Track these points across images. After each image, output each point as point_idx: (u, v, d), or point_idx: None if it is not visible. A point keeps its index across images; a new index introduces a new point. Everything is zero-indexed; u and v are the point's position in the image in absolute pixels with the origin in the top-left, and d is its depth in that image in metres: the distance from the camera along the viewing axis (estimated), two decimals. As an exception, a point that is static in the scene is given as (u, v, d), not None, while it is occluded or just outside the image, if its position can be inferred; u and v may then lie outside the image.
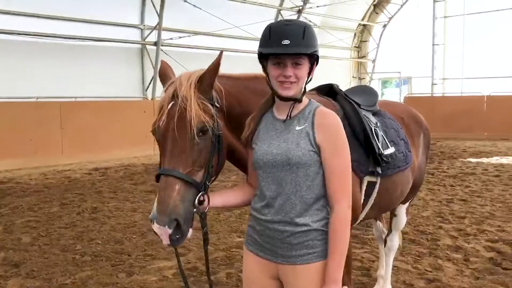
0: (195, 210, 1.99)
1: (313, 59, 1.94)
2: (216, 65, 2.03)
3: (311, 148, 1.91)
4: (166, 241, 1.93)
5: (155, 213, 1.92)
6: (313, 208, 1.95)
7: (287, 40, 1.84)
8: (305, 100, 2.02)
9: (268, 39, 1.89)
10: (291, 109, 1.97)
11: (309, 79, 1.98)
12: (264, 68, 1.98)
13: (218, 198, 2.11)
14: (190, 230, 1.99)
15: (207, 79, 2.03)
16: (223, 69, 2.26)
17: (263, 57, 1.96)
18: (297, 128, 1.95)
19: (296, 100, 1.96)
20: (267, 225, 1.99)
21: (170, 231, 1.90)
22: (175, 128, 1.95)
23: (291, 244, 1.94)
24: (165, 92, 2.07)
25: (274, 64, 1.90)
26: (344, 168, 1.93)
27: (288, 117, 1.98)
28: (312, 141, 1.92)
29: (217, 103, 2.10)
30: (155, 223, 1.91)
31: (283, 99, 1.95)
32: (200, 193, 2.00)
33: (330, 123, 1.94)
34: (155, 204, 1.95)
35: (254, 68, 2.30)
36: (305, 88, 1.98)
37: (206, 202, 2.04)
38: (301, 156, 1.90)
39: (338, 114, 2.52)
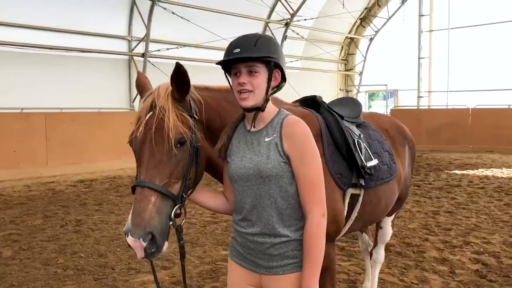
0: (171, 223, 1.96)
1: (272, 67, 1.93)
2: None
3: (281, 159, 1.90)
4: (140, 254, 1.89)
5: (129, 226, 1.88)
6: (291, 219, 1.94)
7: (237, 49, 1.88)
8: (274, 110, 2.02)
9: (226, 53, 1.94)
10: (254, 119, 1.98)
11: (273, 88, 1.99)
12: (230, 83, 2.02)
13: (197, 194, 2.13)
14: (166, 243, 1.96)
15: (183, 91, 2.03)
16: (211, 82, 2.26)
17: (226, 72, 2.00)
18: (266, 139, 1.95)
19: (259, 110, 1.96)
20: (247, 237, 1.98)
21: (144, 244, 1.86)
22: (153, 138, 1.93)
23: (272, 255, 1.93)
24: (143, 102, 2.05)
25: (233, 75, 1.94)
26: (315, 176, 1.91)
27: (252, 127, 1.99)
28: (281, 152, 1.91)
29: (196, 114, 2.08)
30: (129, 235, 1.87)
31: (246, 109, 1.96)
32: (176, 206, 1.97)
33: (297, 132, 1.92)
34: (130, 216, 1.91)
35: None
36: (268, 97, 1.97)
37: (183, 215, 2.00)
38: (272, 168, 1.89)
39: (320, 126, 2.52)
